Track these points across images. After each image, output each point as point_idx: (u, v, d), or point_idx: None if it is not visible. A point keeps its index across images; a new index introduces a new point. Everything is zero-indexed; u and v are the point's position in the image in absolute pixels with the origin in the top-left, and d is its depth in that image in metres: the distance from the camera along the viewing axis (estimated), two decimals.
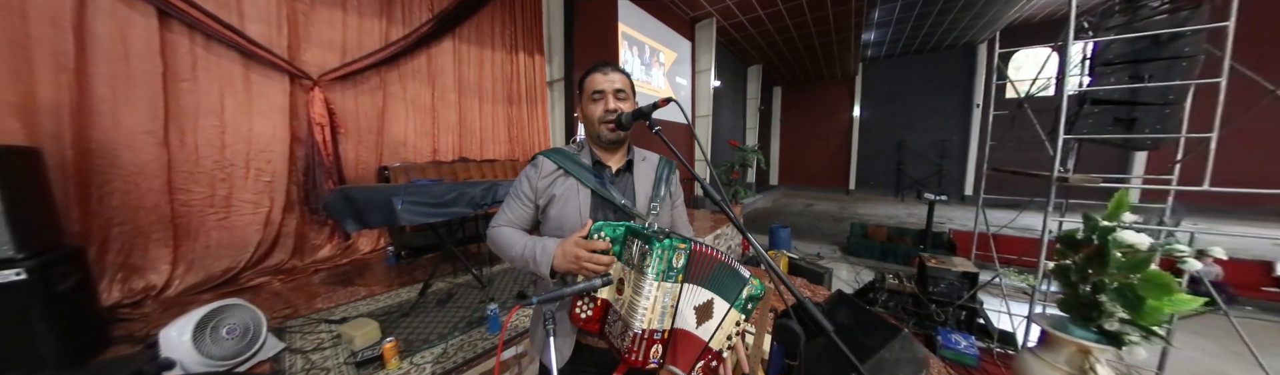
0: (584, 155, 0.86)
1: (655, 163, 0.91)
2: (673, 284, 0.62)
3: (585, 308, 0.70)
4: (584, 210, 0.80)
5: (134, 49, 1.94)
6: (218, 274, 2.23)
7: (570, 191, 0.81)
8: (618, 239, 0.68)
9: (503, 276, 2.46)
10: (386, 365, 1.47)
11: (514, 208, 0.85)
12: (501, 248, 0.81)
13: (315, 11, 2.52)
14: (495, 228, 0.85)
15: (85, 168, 1.85)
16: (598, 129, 0.83)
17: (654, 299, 0.61)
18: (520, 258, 0.76)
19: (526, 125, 3.89)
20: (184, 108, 2.12)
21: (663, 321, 0.62)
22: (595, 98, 0.82)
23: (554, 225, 0.82)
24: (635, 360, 0.62)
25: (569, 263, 0.69)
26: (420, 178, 2.66)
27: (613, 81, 0.81)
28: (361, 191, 1.89)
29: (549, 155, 0.85)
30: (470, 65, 3.39)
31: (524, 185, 0.85)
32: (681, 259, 0.61)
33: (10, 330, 1.31)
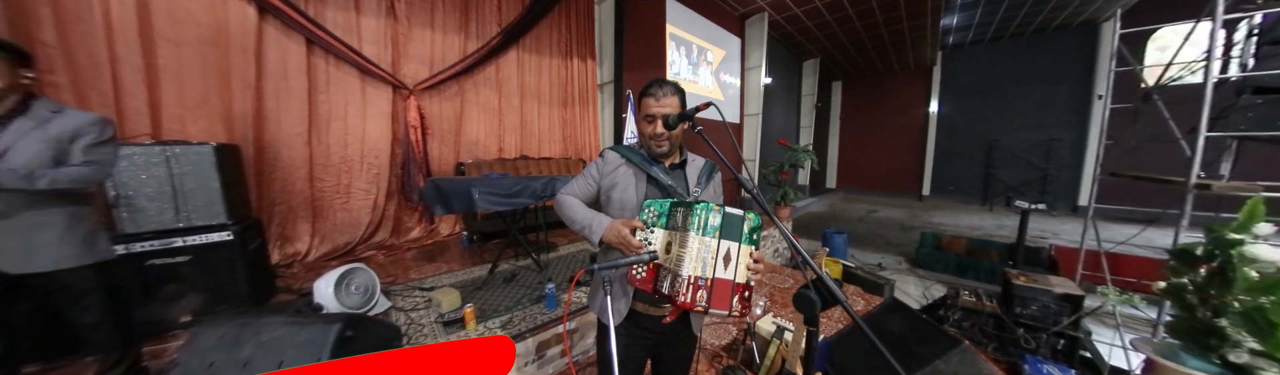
0: (642, 152, 1.02)
1: (701, 165, 1.06)
2: (711, 238, 0.74)
3: (640, 270, 0.84)
4: (640, 193, 0.96)
5: (290, 70, 2.54)
6: (341, 246, 2.81)
7: (629, 179, 0.98)
8: (664, 212, 0.84)
9: (558, 263, 2.72)
10: (466, 326, 1.77)
11: (581, 184, 1.04)
12: (566, 211, 0.99)
13: (412, 32, 3.03)
14: (564, 195, 1.05)
15: (259, 161, 2.47)
16: (647, 143, 0.98)
17: (696, 250, 0.73)
18: (580, 223, 0.94)
19: (578, 126, 4.22)
20: (321, 115, 2.70)
21: (705, 271, 0.73)
22: (648, 119, 0.95)
23: (617, 206, 0.98)
24: (686, 303, 0.72)
25: (614, 237, 0.87)
26: (490, 172, 3.08)
27: (664, 107, 0.92)
28: (447, 183, 2.29)
29: (616, 149, 1.04)
30: (531, 72, 3.78)
31: (593, 170, 1.04)
32: (717, 218, 0.74)
33: (222, 275, 1.85)
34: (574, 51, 4.04)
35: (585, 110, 4.23)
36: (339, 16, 2.68)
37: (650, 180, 0.97)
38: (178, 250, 1.73)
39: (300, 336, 1.22)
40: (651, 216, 0.86)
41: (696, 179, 1.01)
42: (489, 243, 3.23)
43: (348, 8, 2.71)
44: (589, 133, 4.29)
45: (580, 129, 4.23)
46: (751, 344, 1.89)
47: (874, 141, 10.76)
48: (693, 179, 1.01)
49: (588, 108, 4.24)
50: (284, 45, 2.51)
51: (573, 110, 4.15)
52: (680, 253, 0.75)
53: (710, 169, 1.06)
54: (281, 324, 1.25)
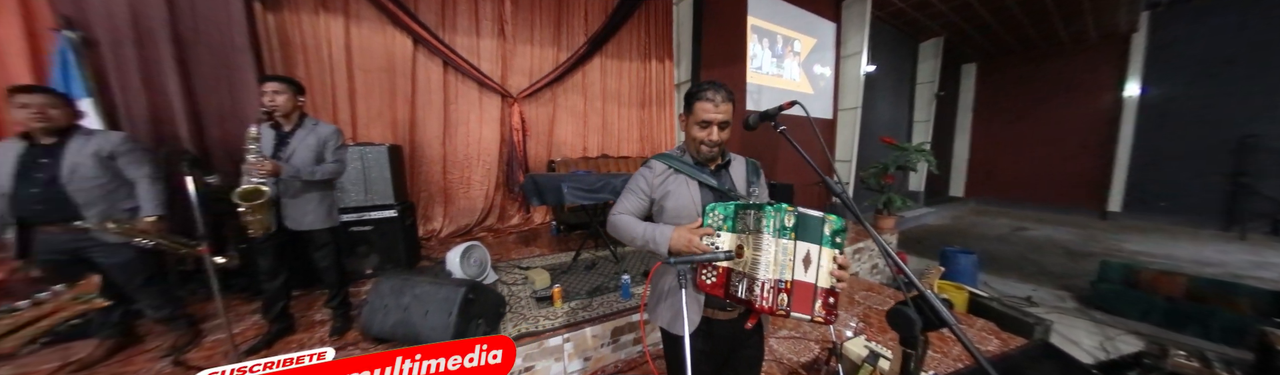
0: (688, 157, 1.01)
1: (742, 165, 1.05)
2: (788, 240, 0.72)
3: (710, 275, 0.83)
4: (696, 199, 0.95)
5: (433, 86, 3.25)
6: (463, 227, 3.48)
7: (681, 186, 0.96)
8: (730, 215, 0.82)
9: (632, 257, 2.88)
10: (554, 304, 1.99)
11: (631, 200, 1.01)
12: (622, 230, 0.96)
13: (516, 49, 3.59)
14: (616, 215, 1.01)
15: (412, 157, 3.23)
16: (697, 147, 0.96)
17: (773, 253, 0.72)
18: (641, 238, 0.91)
19: (654, 126, 4.43)
20: (452, 121, 3.40)
21: (783, 273, 0.71)
22: (701, 125, 0.93)
23: (671, 215, 0.97)
24: (765, 307, 0.70)
25: (682, 244, 0.84)
26: (577, 169, 3.46)
27: (719, 113, 0.90)
28: (543, 177, 2.64)
29: (660, 159, 1.02)
30: (612, 76, 4.11)
31: (640, 182, 1.00)
32: (792, 220, 0.72)
33: (390, 242, 2.49)
34: (652, 53, 4.26)
35: (661, 110, 4.42)
36: (465, 41, 3.33)
37: (702, 185, 0.97)
38: (366, 222, 2.41)
39: (439, 294, 1.64)
40: (716, 220, 0.84)
41: (743, 179, 1.01)
42: (573, 233, 3.61)
43: (471, 33, 3.35)
44: (664, 132, 4.47)
45: (656, 129, 4.44)
46: (837, 366, 1.73)
47: (1024, 139, 7.95)
48: (741, 180, 1.01)
49: (664, 108, 4.42)
50: (428, 67, 3.23)
51: (649, 111, 4.38)
52: (754, 256, 0.74)
53: (753, 168, 1.04)
54: (427, 283, 1.69)
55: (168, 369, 1.49)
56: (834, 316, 0.71)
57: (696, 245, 0.82)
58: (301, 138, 1.60)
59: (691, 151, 1.00)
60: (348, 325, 1.78)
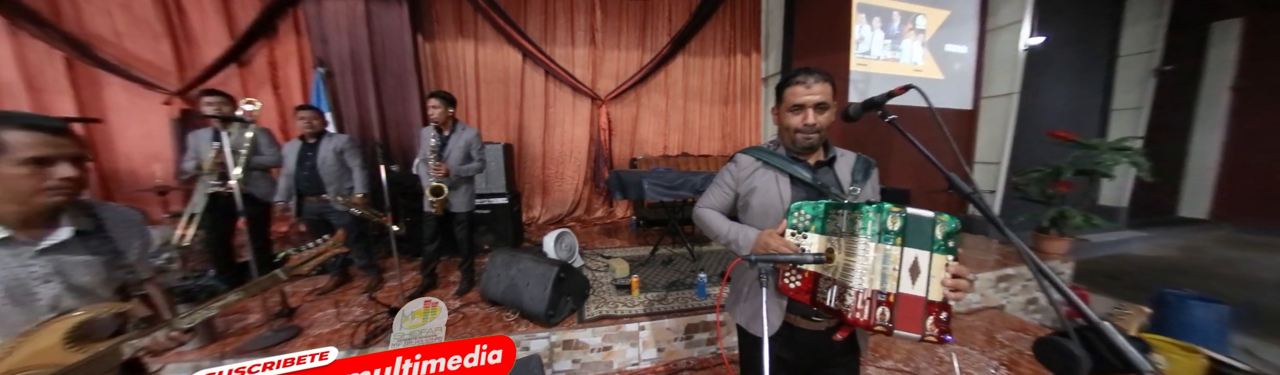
0: (781, 151, 0.93)
1: (851, 160, 0.94)
2: (892, 246, 0.63)
3: (794, 279, 0.76)
4: (784, 196, 0.87)
5: (536, 92, 3.80)
6: (556, 216, 3.98)
7: (769, 182, 0.90)
8: (819, 216, 0.75)
9: (710, 256, 2.86)
10: (632, 292, 2.11)
11: (716, 194, 0.99)
12: (707, 225, 0.95)
13: (605, 54, 3.93)
14: (702, 208, 1.00)
15: (519, 154, 3.82)
16: (793, 137, 0.87)
17: (871, 259, 0.64)
18: (725, 237, 0.90)
19: (738, 123, 4.30)
20: (550, 122, 3.91)
21: (885, 284, 0.63)
22: (793, 110, 0.85)
23: (758, 211, 0.90)
24: (859, 319, 0.63)
25: (762, 248, 0.80)
26: (658, 167, 3.64)
27: (814, 94, 0.82)
28: (626, 174, 2.81)
29: (749, 152, 0.96)
30: (694, 74, 4.15)
31: (726, 177, 0.97)
32: (898, 222, 0.63)
33: (501, 225, 3.01)
34: (738, 47, 4.16)
35: (746, 106, 4.30)
36: (562, 51, 3.81)
37: (795, 181, 0.88)
38: (486, 206, 2.95)
39: (538, 270, 1.92)
40: (803, 220, 0.77)
41: (850, 177, 0.91)
42: (651, 228, 3.75)
43: (568, 44, 3.81)
44: (749, 129, 4.33)
45: (740, 126, 4.33)
46: None
47: None
48: (845, 177, 0.90)
49: (749, 104, 4.30)
50: (533, 77, 3.79)
51: (733, 108, 4.30)
52: (847, 261, 0.67)
53: (864, 165, 0.94)
54: (530, 259, 2.00)
55: (365, 300, 2.13)
56: (949, 335, 0.60)
57: (780, 250, 0.76)
58: (455, 140, 2.08)
59: (785, 143, 0.92)
60: (470, 287, 2.23)
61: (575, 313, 1.93)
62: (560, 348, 1.77)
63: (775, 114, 0.92)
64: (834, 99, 0.85)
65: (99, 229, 0.77)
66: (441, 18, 3.53)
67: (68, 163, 0.67)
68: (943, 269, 0.62)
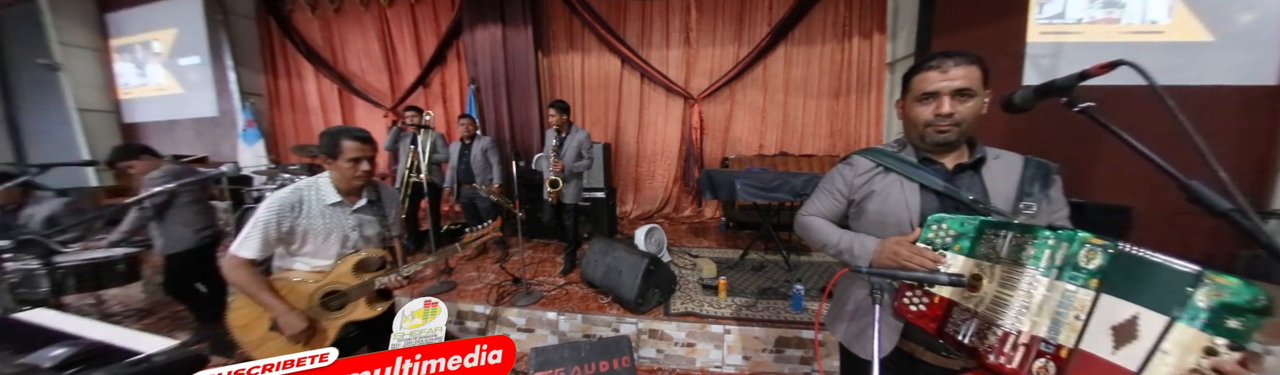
0: (907, 154, 0.79)
1: (1015, 163, 0.75)
2: (1077, 287, 0.49)
3: (918, 301, 0.65)
4: (912, 205, 0.74)
5: (632, 95, 4.04)
6: (646, 212, 4.19)
7: (892, 187, 0.77)
8: (967, 234, 0.62)
9: (808, 267, 2.60)
10: (719, 295, 2.08)
11: (824, 200, 0.87)
12: (812, 233, 0.85)
13: (699, 53, 3.88)
14: (806, 216, 0.89)
15: (615, 153, 4.13)
16: (922, 131, 0.73)
17: (1038, 297, 0.51)
18: (834, 246, 0.79)
19: (853, 117, 3.69)
20: (643, 122, 4.11)
21: (1055, 332, 0.50)
22: (923, 99, 0.71)
23: (873, 220, 0.79)
24: (1003, 366, 0.52)
25: (889, 259, 0.69)
26: (752, 166, 3.45)
27: (953, 79, 0.67)
28: (717, 173, 2.78)
29: (867, 154, 0.83)
30: (798, 65, 3.73)
31: (836, 181, 0.85)
32: (1098, 259, 0.48)
33: (599, 216, 3.34)
34: (855, 28, 3.56)
35: (864, 98, 3.67)
36: (657, 54, 3.93)
37: (925, 188, 0.74)
38: (590, 199, 3.31)
39: (630, 260, 2.08)
40: (943, 236, 0.65)
41: (1011, 187, 0.72)
42: (742, 231, 3.60)
43: (662, 46, 3.91)
44: (867, 124, 3.69)
45: (855, 121, 3.73)
46: None
47: None
48: (1005, 187, 0.72)
49: (867, 94, 3.66)
50: (629, 80, 4.03)
51: (846, 100, 3.73)
52: (999, 293, 0.55)
53: (1040, 172, 0.72)
54: (623, 250, 2.20)
55: (497, 269, 2.67)
56: None
57: (911, 260, 0.65)
58: (570, 140, 2.43)
59: (913, 140, 0.78)
60: (572, 268, 2.54)
61: (661, 305, 2.03)
62: (646, 335, 1.88)
63: (900, 107, 0.78)
64: (984, 85, 0.69)
65: (378, 199, 1.27)
66: (556, 35, 4.07)
67: (367, 161, 1.14)
68: (1199, 352, 0.42)
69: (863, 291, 0.79)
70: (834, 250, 0.80)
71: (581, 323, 2.00)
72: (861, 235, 0.78)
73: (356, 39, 4.45)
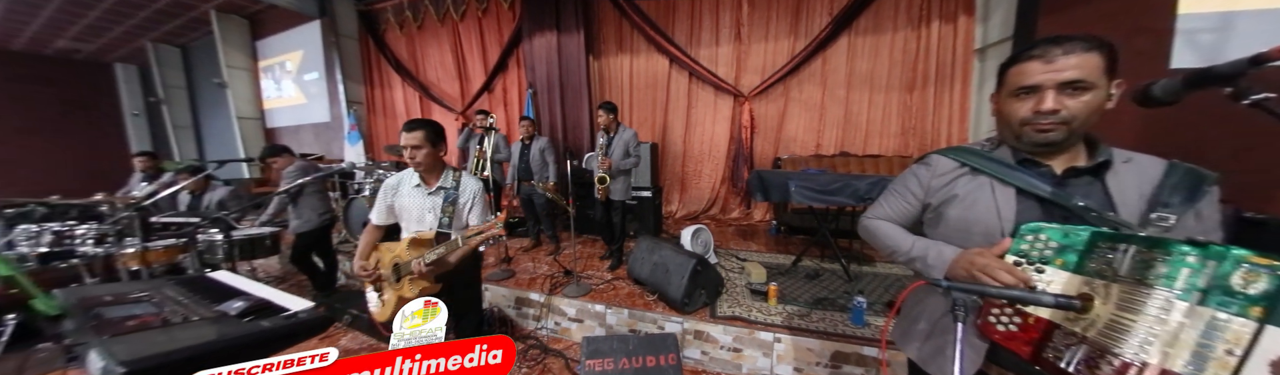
0: (1002, 153, 0.69)
1: (1153, 168, 0.63)
2: (1231, 316, 0.41)
3: (1008, 321, 0.58)
4: (1006, 212, 0.64)
5: (678, 93, 3.99)
6: (691, 212, 4.15)
7: (980, 191, 0.68)
8: (1073, 246, 0.54)
9: (871, 279, 2.36)
10: (769, 301, 1.99)
11: (894, 203, 0.80)
12: (879, 238, 0.78)
13: (751, 48, 3.69)
14: (871, 220, 0.82)
15: (661, 152, 4.13)
16: (1018, 130, 0.64)
17: (1174, 325, 0.44)
18: (904, 255, 0.72)
19: (930, 113, 3.23)
20: (691, 122, 4.04)
21: (1198, 367, 0.43)
22: (1021, 94, 0.61)
23: (955, 227, 0.70)
24: None
25: (967, 271, 0.61)
26: (809, 168, 3.23)
27: (1060, 71, 0.57)
28: (769, 174, 2.60)
29: (949, 154, 0.74)
30: (864, 57, 3.37)
31: (911, 182, 0.77)
32: (1261, 283, 0.40)
33: (645, 215, 3.37)
34: (934, 12, 3.10)
35: (945, 91, 3.20)
36: (706, 52, 3.82)
37: (1023, 193, 0.64)
38: (636, 198, 3.36)
39: (677, 259, 2.09)
40: (1042, 248, 0.57)
41: (1143, 197, 0.60)
42: (794, 236, 3.40)
43: (712, 44, 3.79)
44: (949, 120, 3.20)
45: (933, 116, 3.27)
46: None
47: None
48: (1132, 195, 0.61)
49: (949, 86, 3.18)
50: (677, 79, 3.98)
51: (921, 93, 3.29)
52: (1116, 317, 0.48)
53: (1187, 180, 0.59)
54: (670, 248, 2.22)
55: (551, 260, 2.84)
56: None
57: (992, 274, 0.58)
58: (617, 139, 2.54)
59: (1008, 140, 0.68)
60: (619, 264, 2.62)
61: (707, 306, 2.00)
62: (691, 336, 1.87)
63: (994, 101, 0.69)
64: (1108, 74, 0.58)
65: (456, 187, 1.42)
66: (606, 38, 4.16)
67: (413, 148, 1.31)
68: None
69: (939, 307, 0.71)
70: (904, 258, 0.72)
71: (628, 317, 2.04)
72: (938, 243, 0.69)
73: (434, 52, 5.00)
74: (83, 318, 1.05)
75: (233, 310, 1.07)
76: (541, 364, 1.91)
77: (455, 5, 4.67)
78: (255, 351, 0.97)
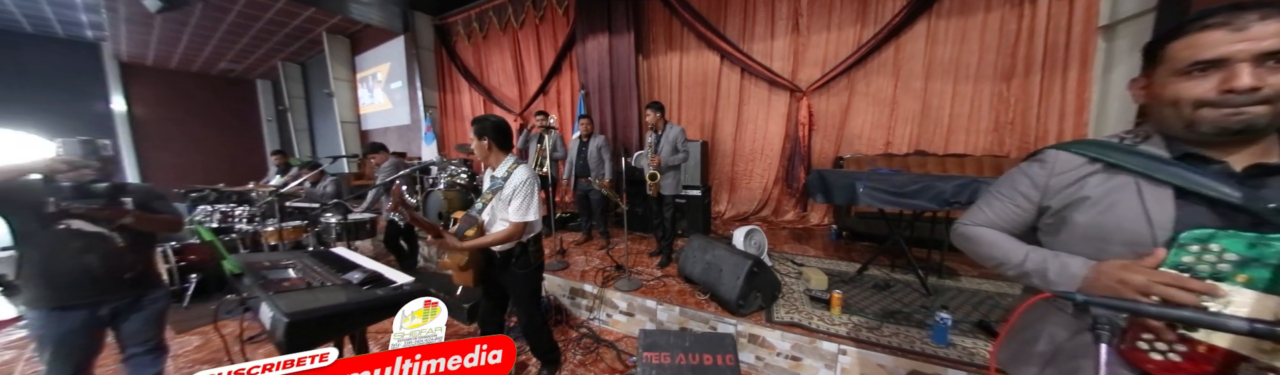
0: (1153, 146, 0.58)
1: None
2: None
3: (1167, 349, 0.50)
4: (1159, 217, 0.53)
5: (730, 91, 3.83)
6: (740, 213, 3.99)
7: (1122, 192, 0.57)
8: (1263, 259, 0.46)
9: (954, 295, 2.05)
10: (831, 309, 1.84)
11: (999, 208, 0.70)
12: (982, 248, 0.68)
13: (810, 40, 3.42)
14: (971, 226, 0.72)
15: (711, 151, 4.01)
16: (1190, 116, 0.52)
17: None
18: (1015, 267, 0.62)
19: (1036, 105, 2.71)
20: (741, 120, 3.87)
21: None
22: (1195, 71, 0.50)
23: (1087, 235, 0.59)
24: None
25: (1112, 288, 0.51)
26: (877, 167, 2.91)
27: (1258, 39, 0.46)
28: (832, 174, 2.37)
29: (1069, 148, 0.64)
30: (947, 42, 2.93)
31: (1020, 183, 0.67)
32: None
33: (694, 214, 3.32)
34: None
35: (1055, 77, 2.67)
36: (760, 46, 3.61)
37: (1186, 195, 0.53)
38: (684, 197, 3.32)
39: (732, 259, 1.95)
40: (1214, 262, 0.48)
41: None
42: (858, 243, 3.11)
43: (766, 38, 3.58)
44: (1061, 112, 2.65)
45: (1040, 108, 2.72)
46: None
47: None
48: None
49: (1063, 72, 2.64)
50: (729, 76, 3.82)
51: (1023, 82, 2.78)
52: None
53: None
54: (724, 248, 2.14)
55: (602, 254, 2.90)
56: None
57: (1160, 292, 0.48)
58: (665, 137, 2.59)
59: (1173, 131, 0.56)
60: (668, 262, 2.62)
61: (763, 310, 1.91)
62: (745, 339, 1.79)
63: (1141, 87, 0.58)
64: None
65: (506, 177, 1.42)
66: (655, 38, 4.14)
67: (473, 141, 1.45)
68: None
69: (1063, 327, 0.62)
70: (1015, 271, 0.62)
71: (678, 315, 2.02)
72: (1060, 254, 0.60)
73: (496, 58, 5.38)
74: (253, 277, 1.30)
75: (355, 279, 1.29)
76: (595, 353, 1.97)
77: (516, 14, 4.96)
78: (372, 315, 1.19)
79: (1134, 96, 0.59)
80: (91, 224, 1.25)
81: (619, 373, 1.82)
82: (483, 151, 1.45)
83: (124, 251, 1.30)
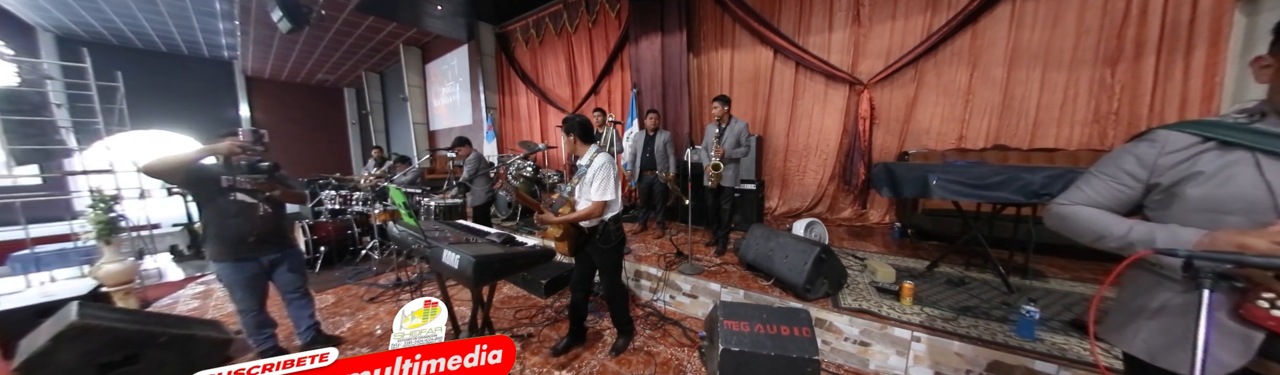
0: (1269, 125, 0.57)
1: None
2: None
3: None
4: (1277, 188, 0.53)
5: (784, 86, 3.76)
6: (793, 209, 3.93)
7: (1237, 166, 0.57)
8: None
9: (1047, 295, 1.90)
10: (902, 300, 1.81)
11: (1101, 187, 0.69)
12: (1079, 223, 0.68)
13: (871, 31, 3.26)
14: (1069, 205, 0.71)
15: (764, 146, 3.97)
16: None
17: None
18: (1119, 238, 0.62)
19: (1148, 93, 2.39)
20: (796, 115, 3.78)
21: None
22: None
23: (1199, 207, 0.59)
24: None
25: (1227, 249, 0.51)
26: (952, 160, 2.73)
27: None
28: (900, 167, 2.18)
29: (1180, 127, 0.63)
30: (1036, 25, 2.65)
31: (1126, 162, 0.66)
32: None
33: (748, 207, 3.34)
34: None
35: (1176, 60, 2.32)
36: (816, 39, 3.51)
37: None
38: (740, 191, 3.27)
39: (799, 246, 1.98)
40: None
41: None
42: (924, 242, 2.94)
43: (823, 31, 3.46)
44: (1184, 100, 2.31)
45: (1154, 96, 2.38)
46: None
47: None
48: None
49: (1187, 54, 2.28)
50: (782, 71, 3.74)
51: (1133, 67, 2.44)
52: None
53: None
54: (788, 236, 2.18)
55: (661, 242, 3.06)
56: None
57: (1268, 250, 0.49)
58: (729, 130, 2.68)
59: None
60: (724, 251, 2.75)
61: (830, 297, 1.93)
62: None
63: (1264, 65, 0.57)
64: None
65: (589, 164, 1.60)
66: (706, 35, 4.14)
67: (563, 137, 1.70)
68: None
69: (1173, 294, 0.61)
70: (1118, 242, 0.62)
71: (743, 298, 2.06)
72: (1170, 225, 0.59)
73: (551, 62, 5.67)
74: (426, 234, 1.65)
75: (497, 238, 1.63)
76: (661, 329, 2.10)
77: (570, 20, 5.20)
78: (523, 262, 1.52)
79: (1256, 75, 0.58)
80: (250, 196, 1.62)
81: (689, 346, 1.91)
82: (570, 144, 1.66)
83: (269, 217, 1.68)
